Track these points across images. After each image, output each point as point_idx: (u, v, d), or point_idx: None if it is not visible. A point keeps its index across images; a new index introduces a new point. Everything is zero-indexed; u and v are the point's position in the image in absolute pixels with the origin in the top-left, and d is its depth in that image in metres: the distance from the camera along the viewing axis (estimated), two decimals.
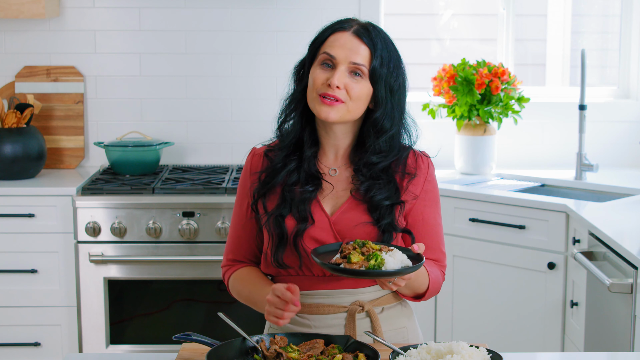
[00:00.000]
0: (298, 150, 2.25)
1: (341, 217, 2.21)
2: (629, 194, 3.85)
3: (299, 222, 2.19)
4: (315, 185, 2.22)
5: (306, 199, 2.21)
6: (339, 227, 2.21)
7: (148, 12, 4.29)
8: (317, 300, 2.24)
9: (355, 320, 2.22)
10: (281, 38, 4.31)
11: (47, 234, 3.82)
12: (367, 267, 2.01)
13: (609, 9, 4.57)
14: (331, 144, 2.26)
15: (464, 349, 1.96)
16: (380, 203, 2.19)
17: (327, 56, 2.18)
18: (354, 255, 2.04)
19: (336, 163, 2.27)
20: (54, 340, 3.87)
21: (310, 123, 2.26)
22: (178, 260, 3.79)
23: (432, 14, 4.60)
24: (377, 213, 2.20)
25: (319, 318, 2.24)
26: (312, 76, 2.19)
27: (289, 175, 2.22)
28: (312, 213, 2.20)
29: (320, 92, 2.17)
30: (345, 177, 2.26)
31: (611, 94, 4.50)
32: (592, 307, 3.26)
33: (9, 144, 3.92)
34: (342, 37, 2.18)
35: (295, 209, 2.20)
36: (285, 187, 2.22)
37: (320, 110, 2.17)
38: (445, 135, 4.32)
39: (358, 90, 2.17)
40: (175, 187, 3.85)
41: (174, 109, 4.35)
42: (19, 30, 4.26)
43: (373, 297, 2.26)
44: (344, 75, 2.16)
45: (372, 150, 2.21)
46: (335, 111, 2.16)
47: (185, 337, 2.07)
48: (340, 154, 2.27)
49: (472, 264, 3.83)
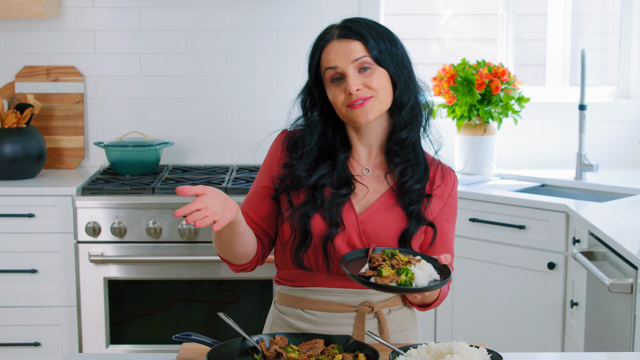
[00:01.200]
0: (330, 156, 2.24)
1: (370, 217, 2.22)
2: (629, 194, 3.85)
3: (330, 226, 2.19)
4: (348, 188, 2.22)
5: (338, 202, 2.20)
6: (366, 226, 2.21)
7: (148, 12, 4.29)
8: (326, 297, 2.24)
9: (364, 320, 2.23)
10: (281, 38, 4.31)
11: (47, 234, 3.82)
12: (398, 282, 2.02)
13: (609, 9, 4.57)
14: (365, 144, 2.27)
15: (464, 349, 1.96)
16: (412, 187, 2.21)
17: (331, 71, 2.18)
18: (384, 269, 2.04)
19: (369, 162, 2.28)
20: (54, 340, 3.87)
21: (341, 129, 2.26)
22: (178, 260, 3.79)
23: (432, 14, 4.60)
24: (408, 198, 2.22)
25: (328, 316, 2.24)
26: (332, 97, 2.19)
27: (321, 178, 2.22)
28: (342, 217, 2.20)
29: (346, 104, 2.17)
30: (377, 176, 2.27)
31: (611, 94, 4.50)
32: (592, 307, 3.26)
33: (9, 144, 3.92)
34: (332, 48, 2.18)
35: (326, 212, 2.19)
36: (316, 186, 2.21)
37: (357, 117, 2.17)
38: (445, 135, 4.28)
39: (377, 81, 2.17)
40: (176, 187, 3.85)
41: (174, 109, 4.35)
42: (19, 30, 4.26)
43: (382, 299, 2.27)
44: (355, 77, 2.16)
45: (398, 126, 2.23)
46: (369, 109, 2.17)
47: (185, 337, 2.07)
48: (373, 153, 2.28)
49: (472, 264, 3.83)
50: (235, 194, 3.81)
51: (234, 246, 2.19)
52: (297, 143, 2.27)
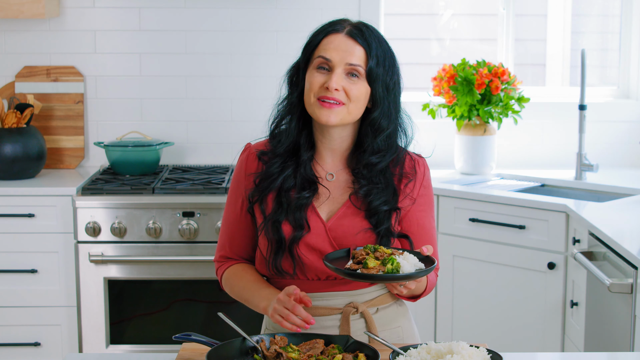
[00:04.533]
0: (294, 154, 2.23)
1: (337, 224, 2.21)
2: (629, 194, 3.85)
3: (295, 229, 2.19)
4: (311, 190, 2.21)
5: (302, 205, 2.19)
6: (335, 233, 2.20)
7: (148, 12, 4.29)
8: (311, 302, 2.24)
9: (349, 321, 2.22)
10: (281, 38, 4.31)
11: (47, 234, 3.82)
12: (384, 271, 2.01)
13: (609, 9, 4.58)
14: (328, 147, 2.25)
15: (464, 349, 1.96)
16: (379, 208, 2.19)
17: (322, 60, 2.16)
18: (370, 261, 2.04)
19: (333, 167, 2.26)
20: (54, 340, 3.87)
21: (307, 127, 2.24)
22: (178, 260, 3.79)
23: (432, 14, 4.60)
24: (375, 218, 2.19)
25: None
26: (309, 80, 2.18)
27: (285, 180, 2.21)
28: (308, 220, 2.20)
29: (318, 95, 2.16)
30: (342, 181, 2.25)
31: (611, 94, 4.50)
32: (592, 307, 3.26)
33: (9, 144, 3.92)
34: (336, 39, 2.17)
35: (291, 216, 2.19)
36: (281, 191, 2.21)
37: (321, 114, 2.16)
38: (445, 135, 4.32)
39: (356, 91, 2.16)
40: (175, 187, 3.85)
41: (174, 109, 4.35)
42: (19, 30, 4.26)
43: (367, 299, 2.26)
44: (341, 77, 2.15)
45: (370, 150, 2.20)
46: (335, 114, 2.15)
47: (185, 337, 2.08)
48: (337, 158, 2.26)
49: (472, 263, 3.83)
50: None
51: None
52: (260, 159, 2.26)
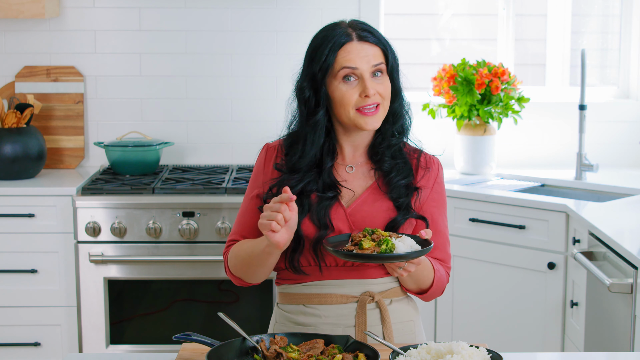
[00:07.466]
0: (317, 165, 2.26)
1: (357, 209, 2.25)
2: (629, 194, 3.85)
3: (320, 228, 2.22)
4: (334, 191, 2.25)
5: (326, 205, 2.23)
6: (354, 217, 2.24)
7: (148, 12, 4.29)
8: (327, 290, 2.27)
9: (365, 310, 2.26)
10: (281, 38, 4.31)
11: (47, 234, 3.82)
12: (378, 252, 2.06)
13: (609, 9, 4.57)
14: (351, 144, 2.29)
15: (464, 349, 1.96)
16: (399, 182, 2.25)
17: (348, 70, 2.19)
18: (365, 242, 2.09)
19: (354, 160, 2.31)
20: (54, 340, 3.87)
21: (329, 134, 2.27)
22: (178, 260, 3.79)
23: (432, 14, 4.59)
24: (396, 192, 2.25)
25: (330, 308, 2.26)
26: (340, 95, 2.20)
27: (307, 185, 2.24)
28: (331, 218, 2.23)
29: (358, 107, 2.20)
30: (361, 172, 2.30)
31: (611, 94, 4.50)
32: (592, 307, 3.26)
33: (9, 144, 3.92)
34: (353, 48, 2.20)
35: (314, 215, 2.22)
36: (302, 192, 2.24)
37: (365, 123, 2.21)
38: (445, 135, 4.33)
39: (386, 88, 2.23)
40: (175, 187, 3.85)
41: (174, 109, 4.35)
42: (19, 30, 4.26)
43: (382, 289, 2.29)
44: (370, 81, 2.20)
45: (390, 133, 2.28)
46: (378, 118, 2.22)
47: (185, 337, 2.08)
48: (359, 151, 2.31)
49: (472, 264, 3.83)
50: (235, 194, 3.81)
51: (257, 272, 2.25)
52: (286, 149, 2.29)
